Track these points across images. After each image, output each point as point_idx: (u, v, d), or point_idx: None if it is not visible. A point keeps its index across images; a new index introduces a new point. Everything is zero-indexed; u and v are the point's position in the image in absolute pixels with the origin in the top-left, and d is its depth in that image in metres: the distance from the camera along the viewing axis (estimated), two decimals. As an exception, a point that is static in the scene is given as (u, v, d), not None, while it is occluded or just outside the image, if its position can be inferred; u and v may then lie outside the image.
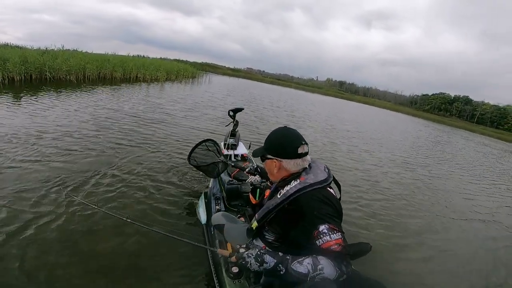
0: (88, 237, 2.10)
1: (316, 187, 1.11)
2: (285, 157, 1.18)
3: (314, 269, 0.95)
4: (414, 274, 2.48)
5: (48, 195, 2.54)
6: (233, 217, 1.72)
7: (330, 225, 1.02)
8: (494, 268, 2.83)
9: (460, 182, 6.32)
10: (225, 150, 3.23)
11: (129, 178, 3.12)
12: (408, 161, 7.32)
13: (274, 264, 1.02)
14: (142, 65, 14.85)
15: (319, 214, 1.04)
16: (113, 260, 1.95)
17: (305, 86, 69.01)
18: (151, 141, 4.52)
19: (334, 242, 0.99)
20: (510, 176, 8.51)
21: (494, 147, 19.06)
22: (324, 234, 1.00)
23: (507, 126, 57.82)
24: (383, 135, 11.60)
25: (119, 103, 7.27)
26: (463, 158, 10.32)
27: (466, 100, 70.19)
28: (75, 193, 2.56)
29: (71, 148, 3.71)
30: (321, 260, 0.96)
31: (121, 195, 2.76)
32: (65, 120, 4.91)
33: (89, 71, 11.02)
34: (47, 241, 1.99)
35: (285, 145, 1.18)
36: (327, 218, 1.03)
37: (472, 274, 2.65)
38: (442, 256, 2.87)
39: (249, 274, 1.49)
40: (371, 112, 28.09)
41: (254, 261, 1.05)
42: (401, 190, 4.73)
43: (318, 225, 1.02)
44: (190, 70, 22.33)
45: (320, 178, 1.13)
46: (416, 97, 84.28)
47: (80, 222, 2.24)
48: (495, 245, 3.36)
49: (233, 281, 1.45)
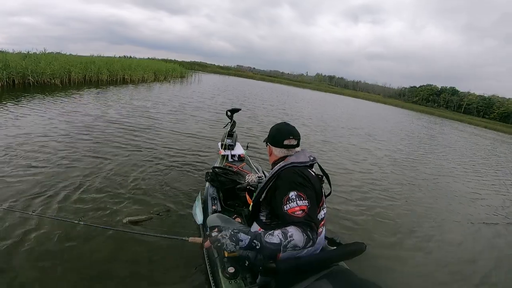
0: (77, 252, 2.01)
1: (296, 165, 1.30)
2: (274, 145, 1.45)
3: (285, 237, 1.04)
4: (410, 274, 2.47)
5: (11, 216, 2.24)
6: (228, 218, 1.74)
7: (299, 193, 1.16)
8: (495, 267, 2.80)
9: (460, 179, 6.20)
10: (222, 151, 3.27)
11: (114, 187, 2.99)
12: (405, 157, 7.29)
13: (249, 241, 1.07)
14: (128, 66, 14.62)
15: (292, 182, 1.20)
16: (108, 267, 1.93)
17: (296, 82, 69.16)
18: (135, 149, 4.28)
19: (299, 208, 1.12)
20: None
21: (484, 137, 19.65)
22: (291, 200, 1.14)
23: (493, 115, 59.45)
24: (378, 131, 11.55)
25: (102, 108, 6.95)
26: (460, 152, 10.30)
27: (452, 91, 71.71)
28: (48, 209, 2.43)
29: (47, 159, 3.45)
30: (289, 229, 1.06)
31: (103, 205, 2.62)
32: (41, 130, 4.56)
33: (74, 74, 10.80)
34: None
35: (276, 137, 1.45)
36: (297, 186, 1.18)
37: (473, 275, 2.62)
38: (440, 256, 2.83)
39: (245, 274, 1.48)
40: (362, 106, 28.32)
41: (229, 241, 1.08)
42: (399, 188, 4.69)
43: (288, 192, 1.17)
44: (178, 70, 22.10)
45: (301, 159, 1.34)
46: (404, 89, 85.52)
47: (60, 239, 2.08)
48: (498, 245, 3.31)
49: (229, 281, 1.44)
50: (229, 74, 51.92)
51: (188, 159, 4.16)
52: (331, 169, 5.00)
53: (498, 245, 3.32)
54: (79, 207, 2.53)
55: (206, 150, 4.76)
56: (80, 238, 2.12)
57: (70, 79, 10.72)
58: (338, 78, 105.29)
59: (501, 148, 14.93)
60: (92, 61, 12.47)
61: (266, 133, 1.54)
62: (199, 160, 4.21)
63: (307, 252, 1.29)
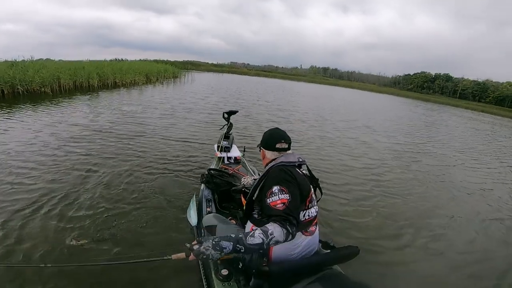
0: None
1: (284, 164, 1.40)
2: (267, 148, 1.56)
3: (266, 236, 1.09)
4: (405, 277, 2.37)
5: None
6: (224, 219, 1.77)
7: (282, 187, 1.23)
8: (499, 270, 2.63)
9: (465, 169, 6.01)
10: (218, 153, 3.26)
11: (97, 207, 2.84)
12: (407, 149, 7.11)
13: (232, 246, 1.09)
14: (119, 69, 14.40)
15: (277, 177, 1.29)
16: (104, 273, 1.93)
17: (290, 75, 69.05)
18: (125, 158, 4.10)
19: (280, 202, 1.19)
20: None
21: (483, 121, 19.70)
22: (274, 194, 1.22)
23: (488, 99, 59.81)
24: (377, 122, 11.40)
25: (91, 116, 6.66)
26: (463, 139, 10.17)
27: (447, 77, 71.84)
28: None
29: (30, 175, 3.31)
30: (269, 227, 1.11)
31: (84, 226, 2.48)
32: (26, 144, 4.37)
33: (63, 80, 10.59)
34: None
35: (268, 141, 1.55)
36: (281, 182, 1.26)
37: (486, 277, 2.50)
38: (438, 259, 2.68)
39: (238, 276, 1.48)
40: (358, 97, 28.24)
41: (213, 251, 1.09)
42: (402, 184, 4.48)
43: (272, 186, 1.25)
44: (171, 71, 21.86)
45: (290, 159, 1.44)
46: (398, 77, 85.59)
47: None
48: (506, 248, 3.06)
49: (222, 283, 1.44)
50: (223, 72, 51.64)
51: (179, 166, 4.04)
52: (330, 166, 4.93)
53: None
54: (64, 226, 2.41)
55: (198, 155, 4.65)
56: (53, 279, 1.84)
57: (60, 86, 10.51)
58: (332, 69, 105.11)
59: (502, 131, 14.96)
60: (81, 66, 12.25)
61: (262, 134, 1.62)
62: (190, 166, 4.10)
63: (300, 254, 1.34)
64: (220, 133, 3.60)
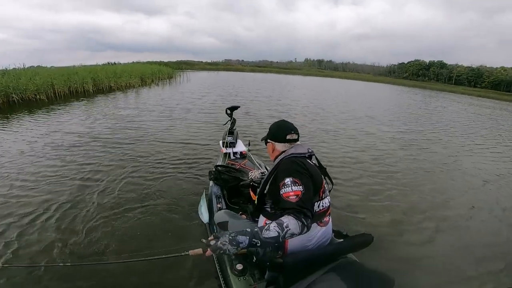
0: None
1: (295, 155, 1.39)
2: (277, 141, 1.53)
3: (281, 229, 1.07)
4: (420, 265, 2.35)
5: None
6: (235, 214, 1.79)
7: (294, 179, 1.22)
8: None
9: (474, 155, 5.87)
10: (223, 149, 3.27)
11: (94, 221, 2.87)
12: (413, 138, 7.00)
13: (248, 241, 1.09)
14: (113, 73, 14.18)
15: (288, 169, 1.27)
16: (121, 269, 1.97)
17: (286, 69, 68.74)
18: (123, 166, 3.91)
19: (293, 193, 1.17)
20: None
21: (483, 106, 19.63)
22: (286, 185, 1.20)
23: (484, 84, 60.14)
24: (378, 112, 11.25)
25: (87, 123, 6.44)
26: (466, 125, 10.02)
27: (441, 64, 72.01)
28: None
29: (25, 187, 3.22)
30: (284, 219, 1.09)
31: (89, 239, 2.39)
32: (18, 156, 4.20)
33: (58, 87, 10.42)
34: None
35: (278, 133, 1.53)
36: (293, 173, 1.24)
37: (483, 264, 2.46)
38: (450, 245, 2.68)
39: (253, 270, 1.51)
40: (355, 87, 28.13)
41: (230, 246, 1.09)
42: (412, 175, 4.40)
43: (285, 177, 1.24)
44: (165, 71, 21.63)
45: (299, 151, 1.43)
46: (393, 66, 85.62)
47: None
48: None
49: (238, 278, 1.47)
50: (218, 70, 51.26)
51: (183, 166, 3.99)
52: (336, 159, 4.87)
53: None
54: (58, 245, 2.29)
55: (201, 154, 4.61)
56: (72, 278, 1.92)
57: (55, 93, 10.34)
58: (327, 61, 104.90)
59: (504, 115, 14.92)
60: (74, 72, 12.05)
61: (265, 129, 1.60)
62: (195, 165, 4.05)
63: (315, 245, 1.34)
64: (224, 130, 3.60)
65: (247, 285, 1.45)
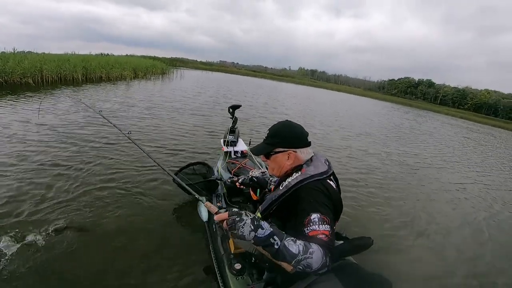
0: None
1: (317, 178, 1.15)
2: (300, 146, 1.24)
3: (305, 251, 0.93)
4: (416, 268, 2.51)
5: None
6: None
7: (322, 216, 1.03)
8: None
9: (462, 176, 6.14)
10: (225, 147, 3.25)
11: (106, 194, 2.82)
12: (403, 156, 6.97)
13: (269, 233, 0.94)
14: (106, 63, 14.03)
15: (315, 202, 1.07)
16: (116, 260, 1.99)
17: (279, 76, 69.68)
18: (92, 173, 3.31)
19: (321, 232, 1.00)
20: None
21: (474, 130, 20.44)
22: (314, 223, 1.02)
23: (467, 106, 62.79)
24: (375, 130, 10.71)
25: (61, 115, 5.63)
26: (461, 149, 10.16)
27: (429, 83, 74.67)
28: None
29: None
30: (312, 245, 0.95)
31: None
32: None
33: (46, 72, 10.22)
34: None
35: (299, 135, 1.25)
36: (320, 208, 1.05)
37: (477, 265, 2.73)
38: (444, 249, 2.93)
39: (251, 270, 1.49)
40: (346, 101, 28.64)
41: (250, 222, 0.93)
42: (404, 186, 4.72)
43: (311, 213, 1.04)
44: (159, 66, 21.51)
45: (321, 170, 1.18)
46: (383, 82, 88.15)
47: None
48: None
49: (236, 277, 1.45)
50: (212, 70, 51.22)
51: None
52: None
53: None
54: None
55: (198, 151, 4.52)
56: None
57: (42, 78, 10.13)
58: (320, 72, 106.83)
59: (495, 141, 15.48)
60: (66, 59, 11.85)
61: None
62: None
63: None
64: (225, 128, 3.59)
65: (245, 285, 1.44)
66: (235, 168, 2.73)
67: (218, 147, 4.60)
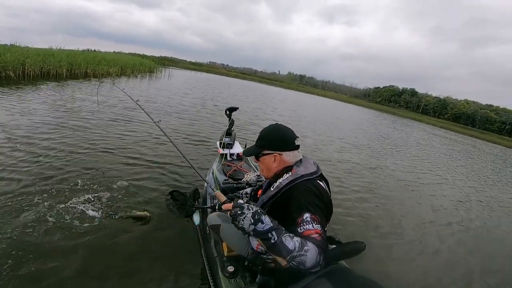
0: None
1: (307, 178, 1.18)
2: (286, 149, 1.26)
3: (300, 248, 0.96)
4: (409, 273, 2.59)
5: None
6: (229, 217, 1.68)
7: (314, 215, 1.06)
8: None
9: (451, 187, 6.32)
10: (221, 149, 3.23)
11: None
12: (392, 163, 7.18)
13: (268, 228, 0.98)
14: (92, 59, 13.79)
15: (306, 202, 1.09)
16: (106, 261, 1.95)
17: (268, 80, 70.34)
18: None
19: (315, 231, 1.03)
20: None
21: (461, 142, 21.31)
22: (307, 222, 1.04)
23: (447, 115, 65.43)
24: (360, 140, 10.26)
25: (24, 109, 5.26)
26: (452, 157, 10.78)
27: (412, 92, 77.36)
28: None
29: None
30: (308, 243, 0.98)
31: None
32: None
33: (29, 66, 9.97)
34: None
35: (286, 138, 1.27)
36: (312, 208, 1.08)
37: (467, 269, 2.86)
38: (436, 254, 3.04)
39: (244, 273, 1.48)
40: (333, 108, 29.14)
41: (250, 215, 0.98)
42: (395, 192, 4.94)
43: (303, 213, 1.06)
44: (147, 65, 21.29)
45: (310, 170, 1.22)
46: (369, 90, 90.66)
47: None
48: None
49: (228, 280, 1.44)
50: (201, 70, 50.96)
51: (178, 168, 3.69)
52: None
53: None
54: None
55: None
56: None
57: (24, 72, 9.87)
58: (308, 77, 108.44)
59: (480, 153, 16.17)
60: (51, 53, 11.57)
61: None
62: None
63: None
64: (221, 130, 3.54)
65: (237, 287, 1.43)
66: (230, 171, 2.70)
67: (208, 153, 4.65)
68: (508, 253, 3.54)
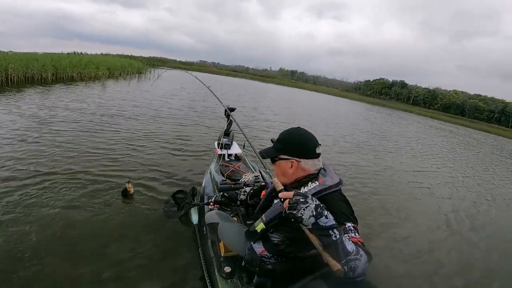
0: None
1: (335, 189, 1.12)
2: (305, 156, 1.15)
3: (356, 252, 0.90)
4: (406, 274, 2.54)
5: None
6: (227, 216, 1.68)
7: (354, 225, 1.03)
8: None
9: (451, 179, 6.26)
10: (218, 150, 3.20)
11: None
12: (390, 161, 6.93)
13: (331, 225, 0.89)
14: (78, 62, 13.46)
15: (347, 212, 1.06)
16: (99, 261, 1.93)
17: (260, 76, 70.18)
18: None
19: (358, 240, 0.98)
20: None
21: (457, 134, 21.54)
22: (350, 231, 1.00)
23: (437, 106, 66.49)
24: (362, 135, 10.25)
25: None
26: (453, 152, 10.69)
27: (402, 84, 78.20)
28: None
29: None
30: (360, 251, 0.92)
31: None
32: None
33: (12, 71, 9.66)
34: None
35: (306, 144, 1.16)
36: (352, 218, 1.06)
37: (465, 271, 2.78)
38: (433, 253, 2.98)
39: (241, 274, 1.48)
40: (325, 102, 29.24)
41: (314, 207, 0.87)
42: (390, 188, 4.83)
43: (345, 222, 1.02)
44: (135, 66, 20.95)
45: (336, 181, 1.14)
46: (359, 83, 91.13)
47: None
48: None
49: (225, 281, 1.44)
50: (192, 70, 50.38)
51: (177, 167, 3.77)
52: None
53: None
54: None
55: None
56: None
57: (7, 77, 9.56)
58: (299, 73, 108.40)
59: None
60: (34, 58, 11.25)
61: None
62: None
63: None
64: (220, 130, 3.55)
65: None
66: (228, 171, 2.70)
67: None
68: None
